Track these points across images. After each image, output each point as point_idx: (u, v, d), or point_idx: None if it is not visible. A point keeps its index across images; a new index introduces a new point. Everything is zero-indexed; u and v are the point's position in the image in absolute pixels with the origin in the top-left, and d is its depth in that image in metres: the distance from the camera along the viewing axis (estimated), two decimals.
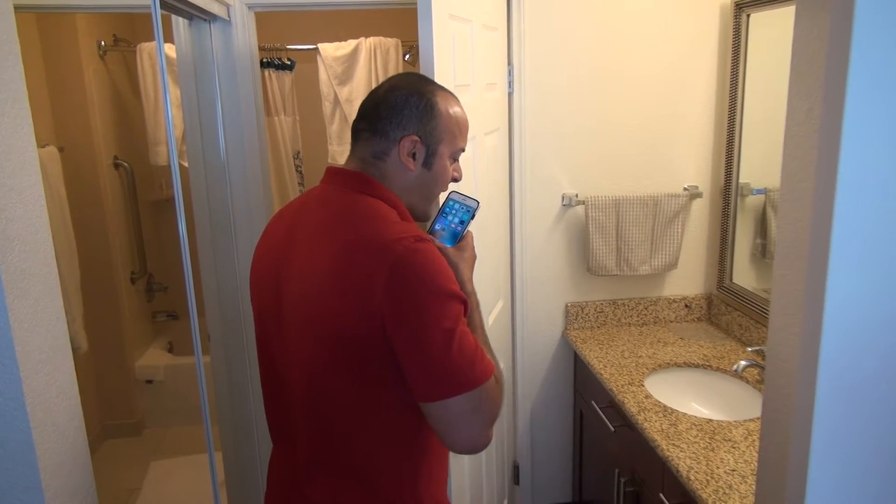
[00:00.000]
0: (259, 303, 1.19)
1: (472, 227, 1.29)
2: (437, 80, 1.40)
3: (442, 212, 1.26)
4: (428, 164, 1.16)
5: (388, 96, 1.15)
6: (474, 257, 1.25)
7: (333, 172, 1.17)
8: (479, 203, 1.27)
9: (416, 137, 1.13)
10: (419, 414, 1.06)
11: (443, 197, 1.26)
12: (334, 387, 1.06)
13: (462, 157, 1.48)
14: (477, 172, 1.80)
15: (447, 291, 1.01)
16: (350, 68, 3.34)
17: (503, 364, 2.25)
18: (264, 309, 1.17)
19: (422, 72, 1.39)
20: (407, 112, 1.13)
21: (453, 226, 1.25)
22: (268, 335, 1.17)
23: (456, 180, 1.24)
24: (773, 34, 2.09)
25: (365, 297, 0.98)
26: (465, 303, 1.06)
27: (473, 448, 1.06)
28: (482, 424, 1.04)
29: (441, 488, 1.22)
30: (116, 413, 3.30)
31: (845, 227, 0.71)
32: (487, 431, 1.05)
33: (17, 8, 0.91)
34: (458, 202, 1.26)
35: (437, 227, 1.25)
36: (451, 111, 1.18)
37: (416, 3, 1.38)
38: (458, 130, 1.20)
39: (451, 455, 1.57)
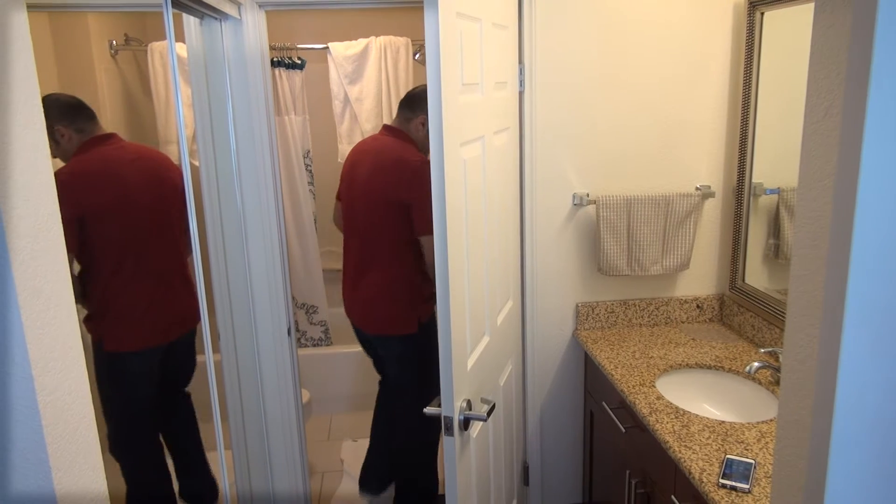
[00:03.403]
0: (347, 195, 2.40)
1: (482, 226, 1.28)
2: (443, 78, 1.40)
3: None
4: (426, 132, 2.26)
5: (416, 92, 2.36)
6: None
7: (387, 127, 2.39)
8: None
9: (424, 117, 2.28)
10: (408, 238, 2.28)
11: None
12: (382, 224, 2.27)
13: (471, 156, 1.60)
14: (486, 171, 1.79)
15: None
16: (360, 67, 3.34)
17: (511, 365, 2.25)
18: (349, 198, 2.38)
19: (428, 70, 1.40)
20: (422, 103, 2.30)
21: None
22: (352, 212, 2.36)
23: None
24: (787, 32, 2.07)
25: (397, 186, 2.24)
26: None
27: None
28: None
29: None
30: None
31: (867, 225, 0.69)
32: None
33: (29, 7, 0.91)
34: None
35: None
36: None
37: (424, 2, 1.38)
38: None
39: (458, 455, 1.57)
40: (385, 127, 2.37)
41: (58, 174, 2.13)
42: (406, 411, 2.44)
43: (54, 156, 2.27)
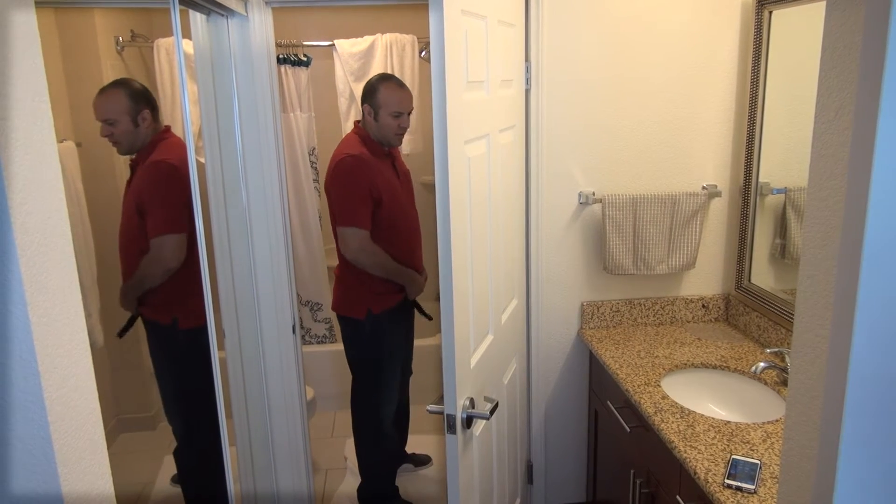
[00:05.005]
0: None
1: (487, 224, 1.28)
2: (448, 75, 1.39)
3: None
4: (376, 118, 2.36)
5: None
6: None
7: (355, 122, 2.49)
8: None
9: (368, 107, 2.37)
10: None
11: None
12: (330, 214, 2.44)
13: (475, 154, 1.57)
14: (491, 169, 1.79)
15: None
16: (366, 64, 3.33)
17: (515, 364, 2.24)
18: None
19: (433, 67, 1.39)
20: (365, 94, 2.39)
21: None
22: None
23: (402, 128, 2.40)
24: (796, 31, 2.06)
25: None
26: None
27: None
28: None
29: None
30: (131, 407, 3.32)
31: (879, 225, 0.69)
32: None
33: (36, 3, 0.91)
34: None
35: None
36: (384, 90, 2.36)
37: None
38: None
39: (460, 453, 1.57)
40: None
41: (165, 161, 2.20)
42: (353, 396, 2.61)
43: (104, 134, 2.22)
